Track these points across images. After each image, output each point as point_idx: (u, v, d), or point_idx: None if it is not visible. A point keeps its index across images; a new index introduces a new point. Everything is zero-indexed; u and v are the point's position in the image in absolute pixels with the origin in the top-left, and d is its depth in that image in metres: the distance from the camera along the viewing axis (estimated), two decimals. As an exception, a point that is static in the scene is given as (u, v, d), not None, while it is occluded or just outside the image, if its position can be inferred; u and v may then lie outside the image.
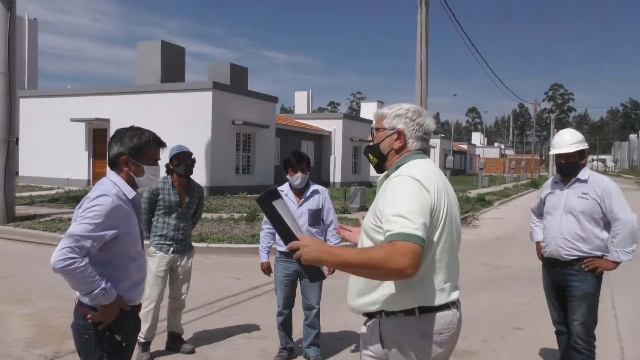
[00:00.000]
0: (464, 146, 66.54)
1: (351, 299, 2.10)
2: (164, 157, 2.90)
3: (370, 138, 2.24)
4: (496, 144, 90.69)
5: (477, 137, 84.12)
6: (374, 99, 38.61)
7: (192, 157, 4.46)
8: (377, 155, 2.18)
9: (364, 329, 2.11)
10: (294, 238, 1.93)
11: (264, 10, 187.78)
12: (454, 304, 2.04)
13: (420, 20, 13.37)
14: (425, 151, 2.16)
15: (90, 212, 2.34)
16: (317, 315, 4.29)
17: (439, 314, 1.97)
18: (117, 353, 2.49)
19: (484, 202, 19.76)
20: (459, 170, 58.01)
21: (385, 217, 1.86)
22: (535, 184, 36.16)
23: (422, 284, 1.94)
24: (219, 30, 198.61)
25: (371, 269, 1.76)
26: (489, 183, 34.54)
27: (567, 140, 3.68)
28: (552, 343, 4.20)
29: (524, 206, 20.94)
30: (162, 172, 3.28)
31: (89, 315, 2.41)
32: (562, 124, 79.26)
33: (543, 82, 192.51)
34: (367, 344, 2.07)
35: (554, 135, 5.33)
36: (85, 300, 2.41)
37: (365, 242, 2.05)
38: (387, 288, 1.96)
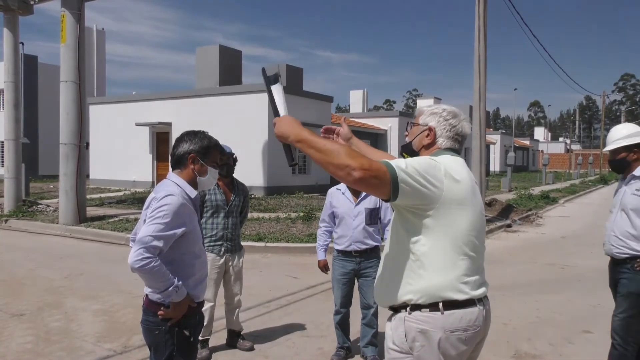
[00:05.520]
0: (526, 142, 64.21)
1: (376, 291, 2.14)
2: None
3: (406, 133, 2.30)
4: (561, 139, 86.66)
5: (540, 132, 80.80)
6: (430, 96, 37.96)
7: (234, 156, 4.51)
8: (410, 152, 2.23)
9: (388, 323, 2.11)
10: (277, 115, 2.17)
11: (317, 11, 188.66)
12: (480, 301, 2.02)
13: (478, 12, 12.99)
14: (456, 151, 2.16)
15: (159, 212, 2.43)
16: (375, 314, 4.24)
17: (463, 311, 1.96)
18: (185, 347, 2.59)
19: (548, 199, 18.87)
20: (521, 167, 55.97)
21: None
22: (605, 180, 34.33)
23: (445, 277, 1.95)
24: (273, 32, 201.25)
25: (330, 155, 1.81)
26: (554, 179, 33.11)
27: (611, 137, 3.58)
28: (625, 348, 3.96)
29: (592, 203, 19.95)
30: None
31: (160, 312, 2.50)
32: (633, 116, 74.71)
33: (612, 73, 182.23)
34: (392, 338, 2.07)
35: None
36: (156, 297, 2.50)
37: (399, 231, 2.02)
38: (412, 282, 1.97)
